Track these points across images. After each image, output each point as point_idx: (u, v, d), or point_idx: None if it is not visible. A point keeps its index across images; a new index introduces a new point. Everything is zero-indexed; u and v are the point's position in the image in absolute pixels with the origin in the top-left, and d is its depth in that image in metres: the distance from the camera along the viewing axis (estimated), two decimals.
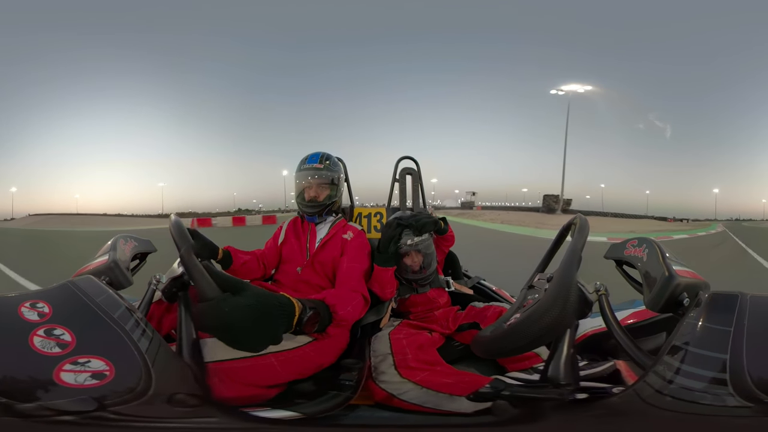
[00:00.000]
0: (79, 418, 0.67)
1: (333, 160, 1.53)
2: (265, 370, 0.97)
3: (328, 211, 1.49)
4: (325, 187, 1.47)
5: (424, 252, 1.52)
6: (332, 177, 1.49)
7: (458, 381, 1.02)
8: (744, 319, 0.74)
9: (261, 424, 0.84)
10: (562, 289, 0.77)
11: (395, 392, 1.03)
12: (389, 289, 1.41)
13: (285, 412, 0.87)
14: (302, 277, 1.41)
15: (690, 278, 0.92)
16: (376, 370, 1.11)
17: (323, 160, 1.50)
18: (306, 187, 1.47)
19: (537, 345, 0.86)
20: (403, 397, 1.02)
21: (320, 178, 1.47)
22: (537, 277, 1.10)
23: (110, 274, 1.08)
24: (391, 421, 0.98)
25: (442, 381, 1.03)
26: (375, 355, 1.17)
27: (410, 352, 1.14)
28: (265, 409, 0.88)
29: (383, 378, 1.08)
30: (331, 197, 1.48)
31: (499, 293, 1.78)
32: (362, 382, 1.03)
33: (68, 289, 0.85)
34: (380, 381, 1.07)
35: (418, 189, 2.10)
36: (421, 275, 1.53)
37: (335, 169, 1.51)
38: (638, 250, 1.06)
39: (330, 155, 1.55)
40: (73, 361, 0.69)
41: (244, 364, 0.94)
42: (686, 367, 0.72)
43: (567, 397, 0.84)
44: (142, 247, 1.34)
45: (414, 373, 1.06)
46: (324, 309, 1.00)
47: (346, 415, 0.93)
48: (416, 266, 1.52)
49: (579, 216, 0.99)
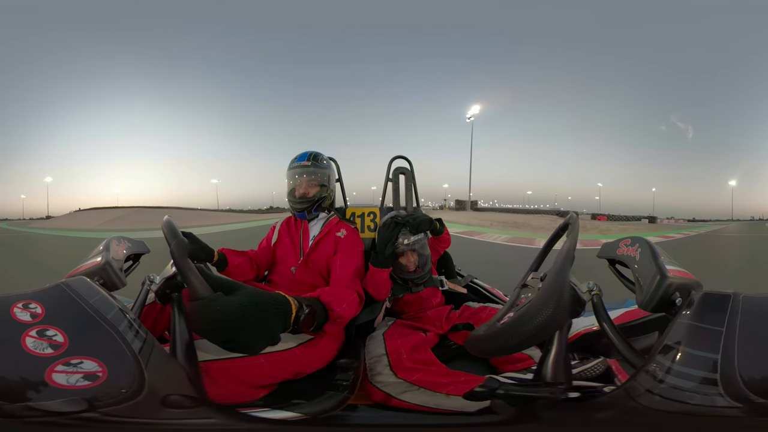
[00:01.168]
0: (72, 419, 0.67)
1: (321, 159, 1.54)
2: (259, 369, 0.97)
3: (317, 207, 1.49)
4: (314, 184, 1.48)
5: (420, 252, 1.51)
6: (320, 173, 1.50)
7: (453, 380, 1.02)
8: (736, 319, 0.74)
9: (257, 425, 0.84)
10: (556, 287, 0.78)
11: (392, 392, 1.04)
12: (384, 290, 1.40)
13: (281, 413, 0.87)
14: (296, 276, 1.41)
15: (682, 278, 0.92)
16: (372, 371, 1.11)
17: (311, 158, 1.51)
18: (296, 185, 1.49)
19: (530, 344, 0.87)
20: (400, 397, 1.02)
21: (308, 175, 1.48)
22: (530, 275, 1.11)
23: (103, 275, 1.08)
24: (388, 420, 0.98)
25: (438, 380, 1.03)
26: (370, 356, 1.17)
27: (405, 352, 1.14)
28: (262, 410, 0.87)
29: (379, 379, 1.08)
30: (320, 194, 1.49)
31: (492, 292, 1.79)
32: (359, 382, 1.03)
33: (61, 290, 0.84)
34: (377, 382, 1.07)
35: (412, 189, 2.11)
36: (415, 275, 1.53)
37: (323, 167, 1.52)
38: (631, 249, 1.06)
39: (319, 154, 1.55)
40: (66, 362, 0.69)
41: (238, 363, 0.93)
42: (677, 366, 0.73)
43: (560, 396, 0.84)
44: (135, 248, 1.33)
45: (409, 374, 1.06)
46: (320, 307, 1.00)
47: (343, 415, 0.93)
48: (411, 266, 1.51)
49: (572, 215, 0.99)
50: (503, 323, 0.88)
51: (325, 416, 0.89)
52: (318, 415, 0.89)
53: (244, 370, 0.95)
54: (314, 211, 1.49)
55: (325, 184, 1.51)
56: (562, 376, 0.85)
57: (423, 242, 1.53)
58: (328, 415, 0.89)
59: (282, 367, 1.02)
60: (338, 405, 0.92)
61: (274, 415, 0.86)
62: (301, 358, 1.06)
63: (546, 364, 0.86)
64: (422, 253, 1.53)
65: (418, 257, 1.52)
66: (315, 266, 1.41)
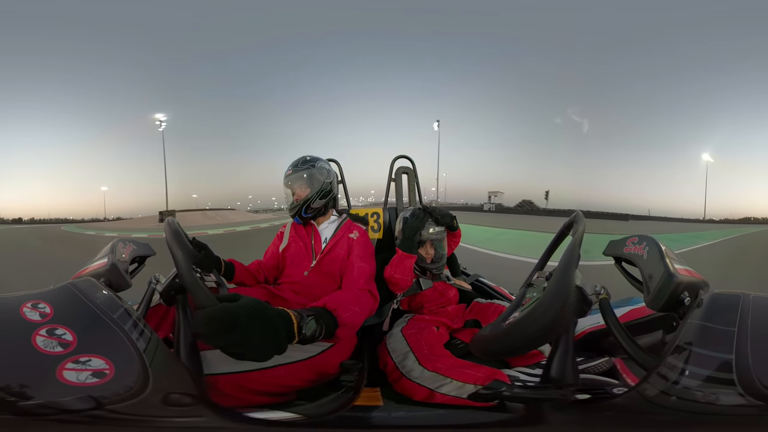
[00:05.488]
0: (82, 416, 0.68)
1: (312, 163, 1.52)
2: (278, 380, 0.96)
3: (307, 209, 1.48)
4: (303, 187, 1.48)
5: (438, 245, 1.58)
6: (307, 176, 1.48)
7: (477, 372, 1.02)
8: (747, 319, 0.74)
9: (261, 426, 0.84)
10: (561, 287, 0.77)
11: (431, 386, 1.03)
12: (409, 277, 1.46)
13: (286, 414, 0.87)
14: (309, 280, 1.41)
15: (690, 277, 0.92)
16: (404, 368, 1.11)
17: (300, 164, 1.51)
18: (286, 194, 1.51)
19: (536, 345, 0.86)
20: (440, 390, 1.02)
21: (292, 182, 1.49)
22: (536, 275, 1.10)
23: (109, 276, 1.09)
24: (395, 422, 0.97)
25: (466, 372, 1.03)
26: (396, 354, 1.17)
27: (426, 346, 1.16)
28: (266, 411, 0.87)
29: (414, 375, 1.08)
30: (309, 197, 1.47)
31: (498, 290, 1.79)
32: (363, 383, 1.03)
33: (69, 291, 0.86)
34: (413, 378, 1.07)
35: (415, 188, 2.10)
36: (432, 266, 1.58)
37: (312, 170, 1.49)
38: (638, 247, 1.05)
39: (310, 158, 1.53)
40: (75, 360, 0.70)
41: (250, 376, 0.92)
42: (691, 367, 0.72)
43: (569, 398, 0.83)
44: (140, 250, 1.34)
45: (438, 366, 1.07)
46: (325, 315, 0.98)
47: (349, 416, 0.93)
48: (429, 258, 1.57)
49: (578, 213, 0.98)
50: (509, 324, 0.88)
51: (328, 418, 0.89)
52: (322, 416, 0.89)
53: (262, 382, 0.94)
54: (304, 213, 1.48)
55: (310, 186, 1.48)
56: (570, 377, 0.84)
57: (443, 235, 1.59)
58: (332, 417, 0.89)
59: (301, 375, 1.01)
60: (343, 406, 0.92)
61: (277, 416, 0.86)
62: (320, 365, 1.06)
63: (554, 365, 0.85)
64: (440, 247, 1.59)
65: (435, 251, 1.57)
66: (329, 269, 1.41)
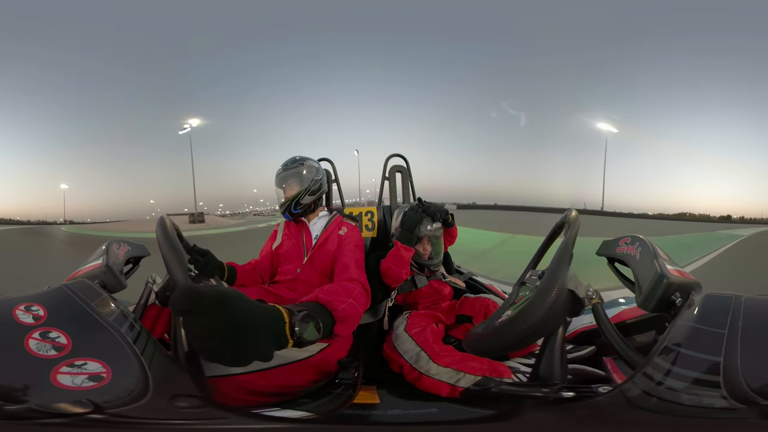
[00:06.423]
0: (79, 420, 0.67)
1: (300, 162, 1.55)
2: (275, 380, 0.96)
3: (296, 206, 1.51)
4: (292, 186, 1.51)
5: (435, 242, 1.61)
6: (296, 174, 1.52)
7: (481, 364, 1.05)
8: (738, 321, 0.73)
9: (261, 424, 0.84)
10: (553, 286, 0.78)
11: (450, 380, 1.06)
12: (405, 270, 1.47)
13: (286, 411, 0.87)
14: (301, 276, 1.43)
15: (682, 278, 0.92)
16: (421, 368, 1.13)
17: (289, 164, 1.55)
18: (280, 192, 1.54)
19: (528, 343, 0.87)
20: (459, 384, 1.04)
21: (281, 181, 1.53)
22: (529, 273, 1.11)
23: (104, 277, 1.08)
24: (393, 419, 0.98)
25: (472, 365, 1.06)
26: (409, 356, 1.18)
27: (433, 342, 1.18)
28: (266, 409, 0.87)
29: (433, 372, 1.10)
30: (297, 195, 1.50)
31: (491, 289, 1.80)
32: (360, 381, 1.03)
33: (63, 293, 0.85)
34: (433, 375, 1.09)
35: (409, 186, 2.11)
36: (430, 262, 1.61)
37: (300, 169, 1.53)
38: (631, 248, 1.06)
39: (299, 158, 1.58)
40: (70, 364, 0.70)
41: (250, 378, 0.91)
42: (677, 369, 0.72)
43: (552, 396, 0.84)
44: (135, 251, 1.33)
45: (448, 361, 1.09)
46: (318, 309, 0.91)
47: (347, 414, 0.93)
48: (426, 254, 1.60)
49: (571, 211, 0.99)
50: (501, 322, 0.89)
51: (327, 415, 0.89)
52: (321, 413, 0.89)
53: (263, 383, 0.94)
54: (294, 210, 1.51)
55: (299, 184, 1.51)
56: (558, 375, 0.85)
57: (440, 233, 1.62)
58: (331, 414, 0.90)
59: (302, 375, 1.01)
60: (342, 404, 0.92)
61: (278, 413, 0.86)
62: (320, 363, 1.06)
63: (543, 363, 0.86)
64: (437, 243, 1.62)
65: (432, 247, 1.60)
66: (320, 265, 1.43)
